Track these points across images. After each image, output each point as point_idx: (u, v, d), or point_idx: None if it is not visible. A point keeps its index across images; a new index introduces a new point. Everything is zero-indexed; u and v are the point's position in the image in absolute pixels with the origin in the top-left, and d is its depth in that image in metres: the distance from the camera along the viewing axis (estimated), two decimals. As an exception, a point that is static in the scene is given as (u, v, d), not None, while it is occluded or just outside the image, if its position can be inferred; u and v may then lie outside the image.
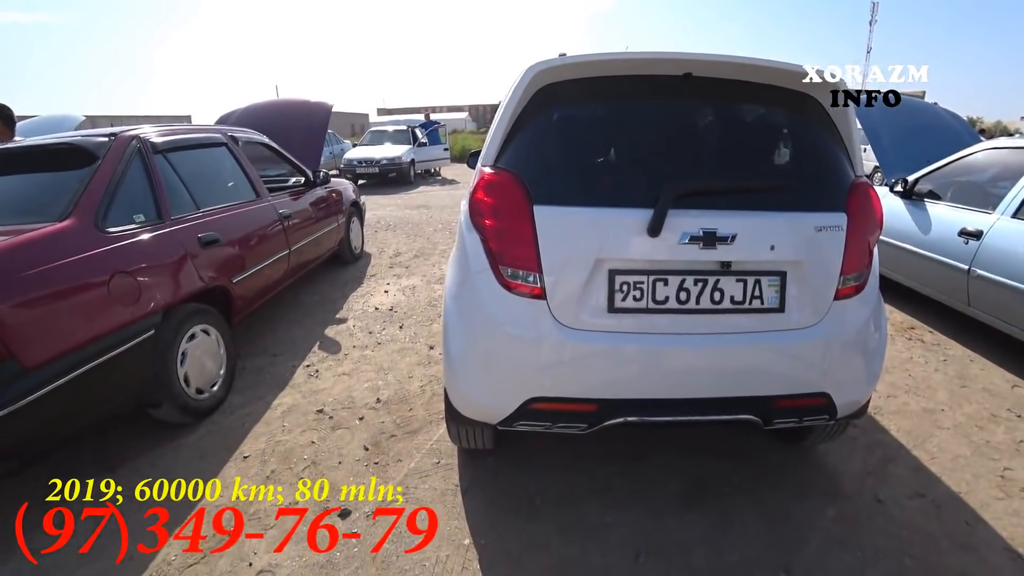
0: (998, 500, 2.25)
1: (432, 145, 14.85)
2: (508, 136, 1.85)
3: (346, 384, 3.13)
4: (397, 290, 4.83)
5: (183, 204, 2.90)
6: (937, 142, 4.90)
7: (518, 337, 1.77)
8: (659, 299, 1.74)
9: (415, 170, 13.71)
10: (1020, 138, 3.45)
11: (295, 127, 5.18)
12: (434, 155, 14.82)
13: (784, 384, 1.84)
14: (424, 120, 15.78)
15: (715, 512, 2.12)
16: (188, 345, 2.68)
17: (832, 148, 1.93)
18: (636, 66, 1.82)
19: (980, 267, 3.45)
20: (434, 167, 15.17)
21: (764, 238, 1.74)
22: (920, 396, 3.06)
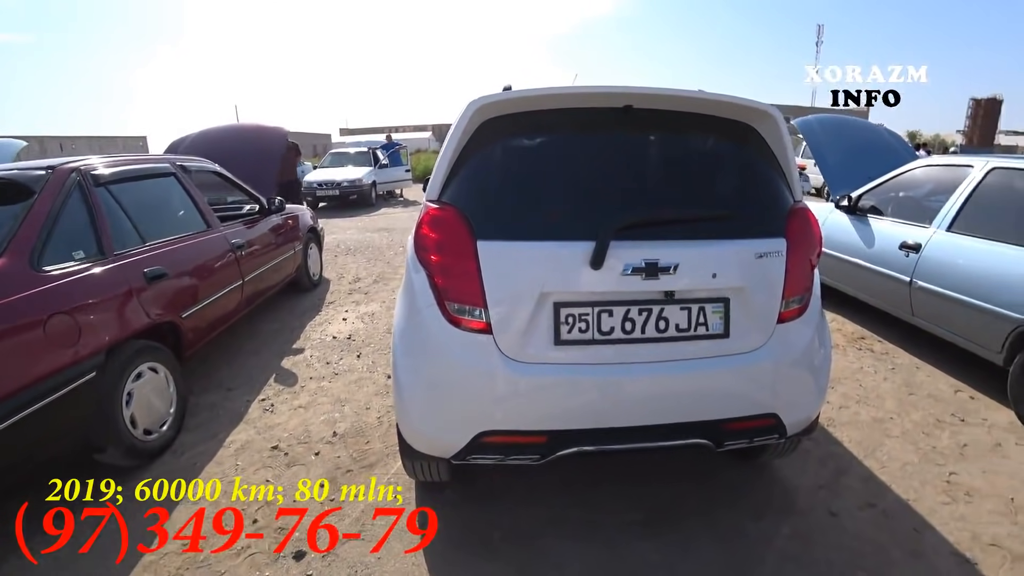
0: (944, 505, 2.33)
1: (394, 166, 14.83)
2: (452, 170, 1.87)
3: (302, 418, 3.06)
4: (356, 317, 4.77)
5: (127, 238, 2.81)
6: (878, 159, 5.13)
7: (466, 372, 1.77)
8: (604, 330, 1.76)
9: (376, 192, 13.65)
10: (954, 153, 3.67)
11: (249, 153, 5.10)
12: (396, 176, 14.79)
13: (733, 407, 1.87)
14: (385, 141, 15.76)
15: (671, 537, 2.13)
16: (134, 385, 2.58)
17: (771, 175, 2.00)
18: (577, 99, 1.86)
19: (920, 278, 3.61)
20: (396, 189, 15.13)
21: (706, 266, 1.78)
22: (870, 406, 3.17)
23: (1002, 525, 2.20)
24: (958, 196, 3.61)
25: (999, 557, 2.04)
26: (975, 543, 2.11)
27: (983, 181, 3.54)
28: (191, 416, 3.08)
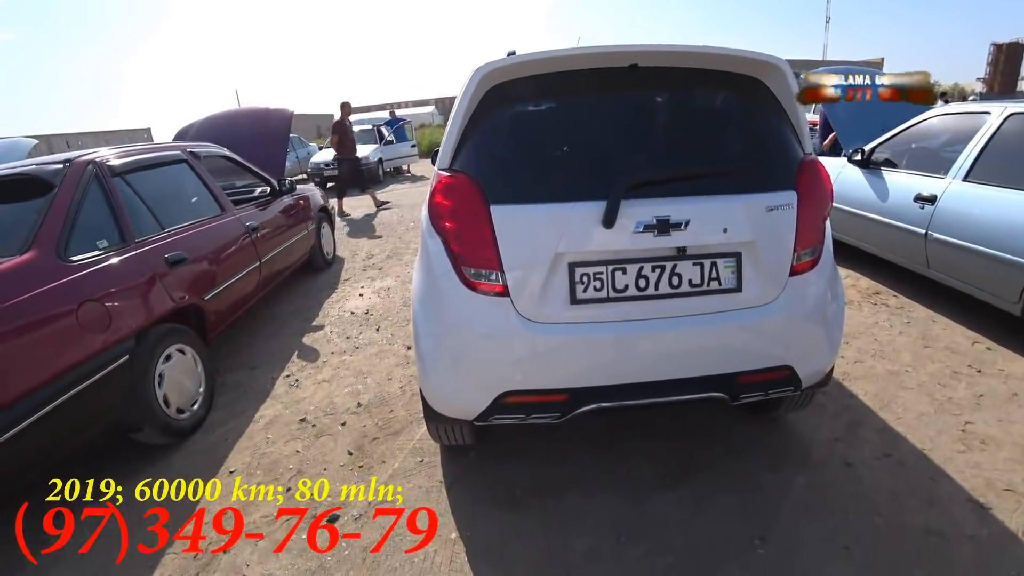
0: (960, 454, 2.36)
1: (399, 143, 14.75)
2: (462, 138, 1.89)
3: (327, 391, 3.15)
4: (372, 292, 4.84)
5: (146, 226, 2.88)
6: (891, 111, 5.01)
7: (485, 335, 1.82)
8: (619, 288, 1.79)
9: (384, 169, 13.59)
10: (973, 101, 3.54)
11: (256, 136, 5.14)
12: (402, 153, 14.74)
13: (748, 360, 1.91)
14: (389, 118, 15.63)
15: (690, 490, 2.19)
16: (165, 366, 2.67)
17: (780, 129, 1.99)
18: (582, 61, 1.86)
19: (936, 231, 3.57)
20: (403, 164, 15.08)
21: (717, 222, 1.79)
22: (885, 359, 3.18)
23: (1017, 472, 2.23)
24: (975, 144, 3.54)
25: (1013, 501, 2.08)
26: (990, 489, 2.14)
27: (1001, 128, 3.46)
28: (219, 395, 3.18)
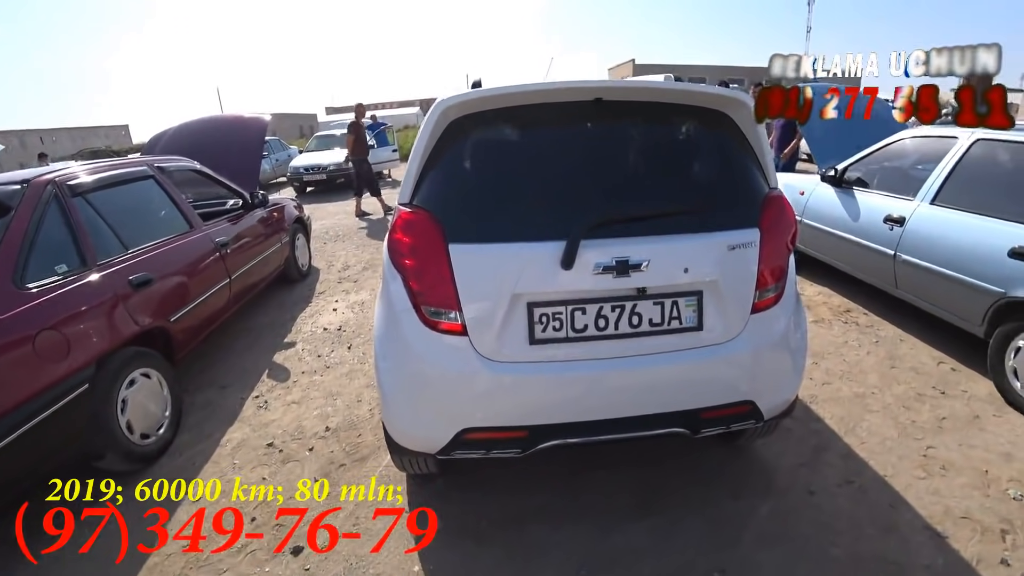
0: (920, 480, 2.40)
1: (380, 147, 14.55)
2: (423, 172, 1.87)
3: (295, 413, 3.12)
4: (346, 307, 4.80)
5: (109, 247, 2.83)
6: (865, 129, 5.07)
7: (444, 374, 1.82)
8: (578, 327, 1.79)
9: (364, 173, 13.41)
10: (948, 115, 3.51)
11: (230, 146, 5.04)
12: (383, 157, 14.51)
13: (709, 396, 1.92)
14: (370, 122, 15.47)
15: (654, 521, 2.20)
16: (128, 392, 2.62)
17: (745, 163, 2.00)
18: (545, 95, 1.86)
19: (904, 252, 3.63)
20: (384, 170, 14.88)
21: (677, 262, 1.80)
22: (853, 381, 3.22)
23: (974, 499, 2.28)
24: (942, 168, 3.60)
25: (969, 530, 2.12)
26: (947, 517, 2.18)
27: (968, 153, 3.52)
28: (187, 416, 3.13)
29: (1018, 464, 2.48)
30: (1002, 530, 2.12)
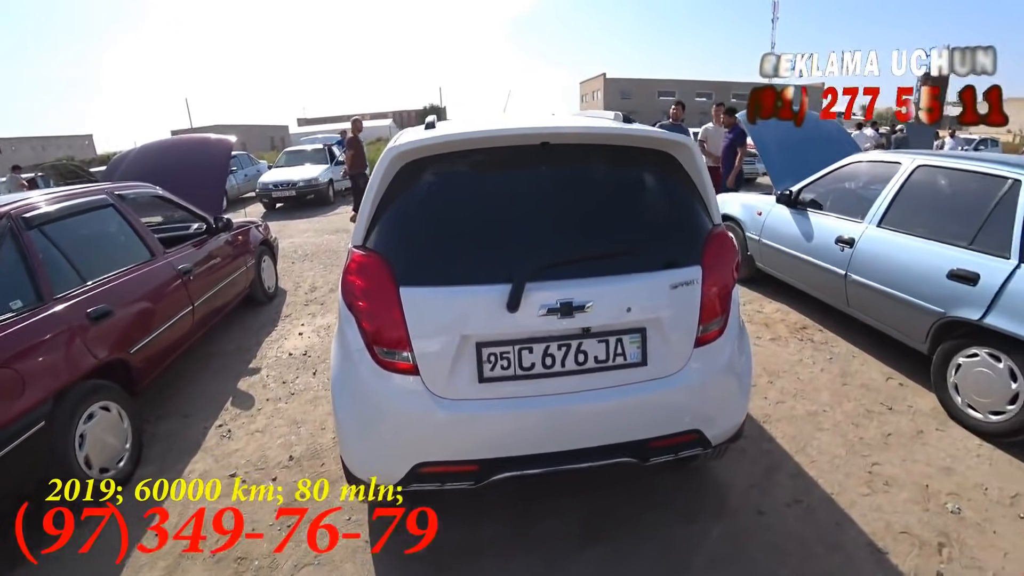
0: (864, 496, 2.51)
1: (350, 162, 14.51)
2: (375, 215, 1.92)
3: (259, 443, 3.11)
4: (312, 331, 4.78)
5: (67, 280, 2.79)
6: (820, 151, 5.26)
7: (398, 411, 1.88)
8: (526, 366, 1.86)
9: (334, 190, 13.35)
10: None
11: (193, 169, 4.99)
12: (353, 173, 14.47)
13: (655, 427, 1.99)
14: (340, 137, 15.43)
15: (605, 549, 2.24)
16: (86, 426, 2.58)
17: (689, 202, 2.07)
18: (493, 140, 1.93)
19: (854, 272, 3.79)
20: (353, 184, 14.80)
21: (621, 301, 1.87)
22: (806, 399, 3.34)
23: (914, 513, 2.39)
24: (887, 192, 3.79)
25: (908, 544, 2.23)
26: (888, 532, 2.29)
27: (910, 178, 3.71)
28: (149, 447, 3.09)
29: (957, 478, 2.62)
30: (939, 543, 2.23)
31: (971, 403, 2.99)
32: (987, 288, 2.87)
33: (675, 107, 7.74)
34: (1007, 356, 2.79)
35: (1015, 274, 2.79)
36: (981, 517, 2.36)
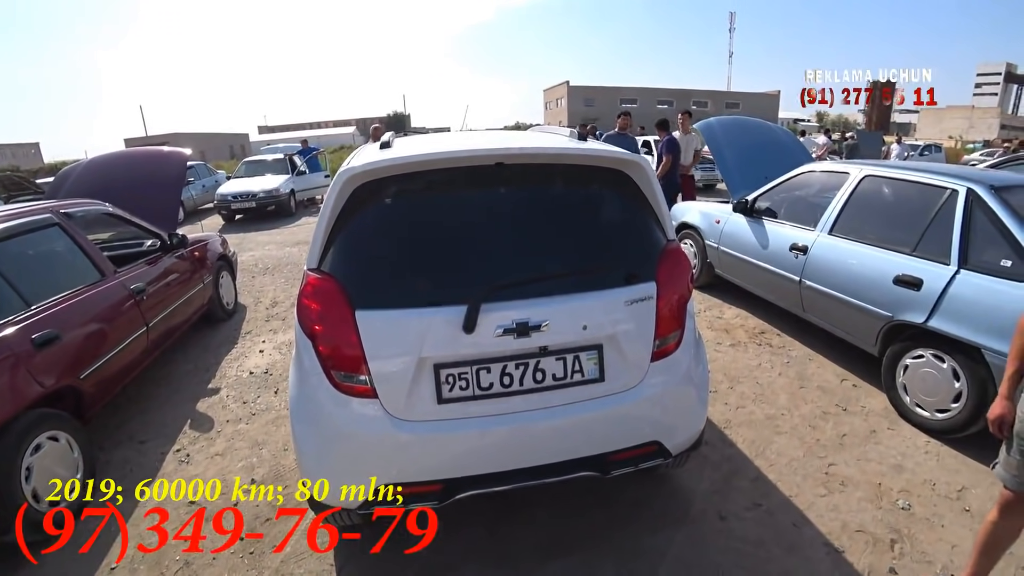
0: (821, 497, 2.59)
1: (312, 173, 14.28)
2: (329, 238, 1.90)
3: (219, 466, 3.02)
4: (273, 348, 4.68)
5: (9, 305, 2.66)
6: (774, 160, 5.44)
7: (357, 434, 1.86)
8: (484, 386, 1.86)
9: (296, 200, 13.10)
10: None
11: (146, 184, 4.81)
12: (315, 183, 14.20)
13: (615, 441, 2.02)
14: (302, 147, 15.16)
15: (571, 562, 2.25)
16: (33, 458, 2.45)
17: (643, 219, 2.11)
18: (447, 161, 1.93)
19: (808, 278, 3.92)
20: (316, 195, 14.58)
21: (576, 320, 1.89)
22: (765, 403, 3.44)
23: (868, 511, 2.48)
24: (837, 201, 3.94)
25: (863, 542, 2.31)
26: (844, 531, 2.37)
27: (858, 187, 3.87)
28: (101, 476, 2.96)
29: (907, 475, 2.73)
30: (891, 540, 2.32)
31: (919, 402, 3.13)
32: (930, 292, 3.02)
33: (621, 117, 7.71)
34: (950, 357, 2.93)
35: (955, 279, 2.94)
36: (930, 512, 2.47)
